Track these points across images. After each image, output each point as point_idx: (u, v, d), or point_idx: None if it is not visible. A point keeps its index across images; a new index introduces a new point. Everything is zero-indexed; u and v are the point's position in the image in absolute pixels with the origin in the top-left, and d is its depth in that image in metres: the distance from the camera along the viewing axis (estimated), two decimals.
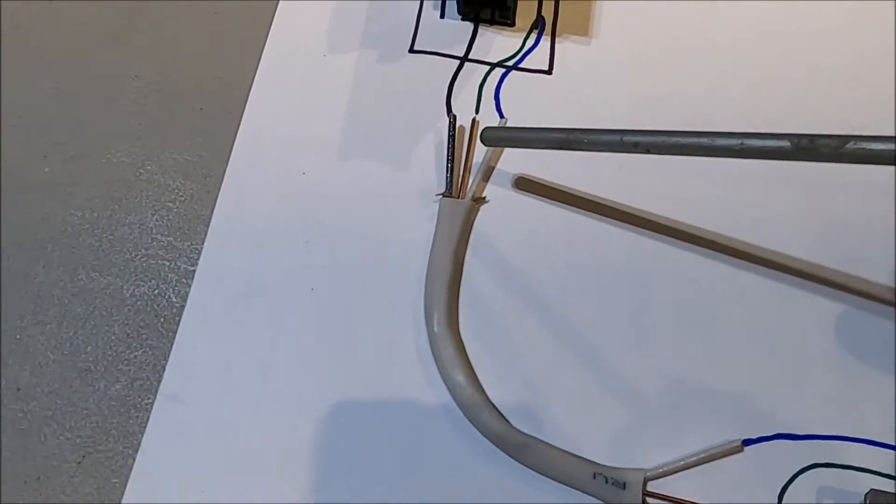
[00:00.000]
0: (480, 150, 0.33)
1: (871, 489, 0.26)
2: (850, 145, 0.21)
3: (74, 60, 0.36)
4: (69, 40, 0.37)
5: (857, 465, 0.28)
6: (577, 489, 0.28)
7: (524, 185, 0.33)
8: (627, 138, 0.26)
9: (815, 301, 0.31)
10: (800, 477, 0.28)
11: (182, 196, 0.34)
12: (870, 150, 0.21)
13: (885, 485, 0.27)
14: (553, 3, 0.36)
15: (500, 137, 0.31)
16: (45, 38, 0.37)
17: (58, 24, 0.37)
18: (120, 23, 0.37)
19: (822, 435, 0.29)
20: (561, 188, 0.32)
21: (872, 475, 0.28)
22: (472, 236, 0.32)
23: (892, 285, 0.31)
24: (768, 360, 0.30)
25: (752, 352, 0.30)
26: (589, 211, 0.32)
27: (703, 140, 0.24)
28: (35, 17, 0.37)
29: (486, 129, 0.32)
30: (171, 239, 0.33)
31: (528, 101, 0.34)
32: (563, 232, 0.32)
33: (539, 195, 0.32)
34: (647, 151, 0.26)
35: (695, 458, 0.28)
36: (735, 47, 0.35)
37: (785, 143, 0.22)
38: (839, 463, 0.28)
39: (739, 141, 0.23)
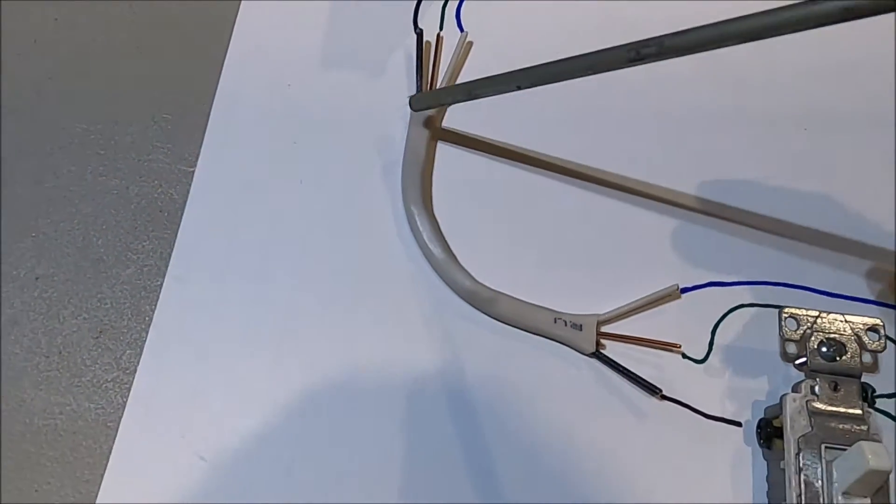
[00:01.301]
0: (444, 62, 0.38)
1: (784, 307, 0.31)
2: (667, 42, 0.24)
3: None
4: None
5: (774, 303, 0.33)
6: (540, 334, 0.32)
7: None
8: (510, 80, 0.30)
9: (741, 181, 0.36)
10: (728, 316, 0.33)
11: (179, 108, 0.37)
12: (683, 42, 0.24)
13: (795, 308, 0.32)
14: None
15: (424, 100, 0.35)
16: None
17: None
18: None
19: (746, 281, 0.34)
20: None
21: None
22: (441, 130, 0.36)
23: None
24: (701, 231, 0.35)
25: (687, 225, 0.35)
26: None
27: (558, 68, 0.28)
28: None
29: (411, 96, 0.36)
30: (171, 145, 0.37)
31: (484, 20, 0.39)
32: (520, 126, 0.36)
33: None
34: (525, 87, 0.29)
35: (639, 303, 0.33)
36: None
37: (619, 56, 0.25)
38: (761, 302, 0.33)
39: (584, 61, 0.27)
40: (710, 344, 0.33)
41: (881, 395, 0.31)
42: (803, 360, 0.30)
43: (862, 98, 0.37)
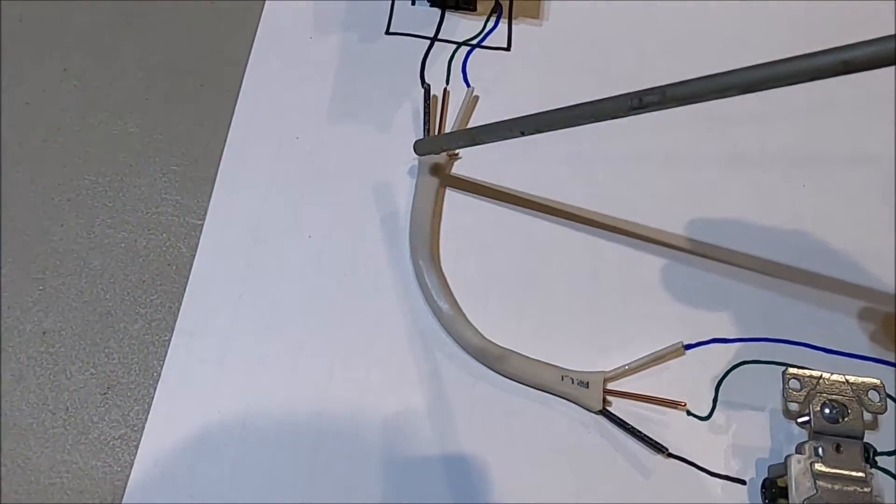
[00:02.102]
0: (453, 114, 0.38)
1: (787, 368, 0.31)
2: (669, 92, 0.24)
3: (84, 43, 0.40)
4: (79, 25, 0.41)
5: (778, 360, 0.34)
6: (547, 391, 0.33)
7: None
8: (513, 127, 0.30)
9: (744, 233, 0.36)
10: (732, 372, 0.34)
11: (187, 160, 0.38)
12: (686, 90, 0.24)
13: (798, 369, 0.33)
14: None
15: (428, 144, 0.36)
16: (56, 25, 0.41)
17: (69, 11, 0.41)
18: (126, 9, 0.41)
19: (748, 338, 0.34)
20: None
21: (787, 366, 0.33)
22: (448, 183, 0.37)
23: None
24: (702, 280, 0.35)
25: (689, 273, 0.35)
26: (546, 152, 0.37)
27: (562, 115, 0.28)
28: (51, 6, 0.41)
29: (416, 141, 0.36)
30: (179, 198, 0.37)
31: (490, 74, 0.40)
32: (526, 173, 0.37)
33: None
34: (528, 133, 0.30)
35: (644, 360, 0.33)
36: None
37: (621, 104, 0.26)
38: (763, 360, 0.34)
39: (587, 109, 0.27)
40: (714, 401, 0.33)
41: (882, 453, 0.32)
42: (806, 418, 0.31)
43: (861, 142, 0.38)
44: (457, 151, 0.38)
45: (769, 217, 0.36)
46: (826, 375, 0.31)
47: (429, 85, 0.39)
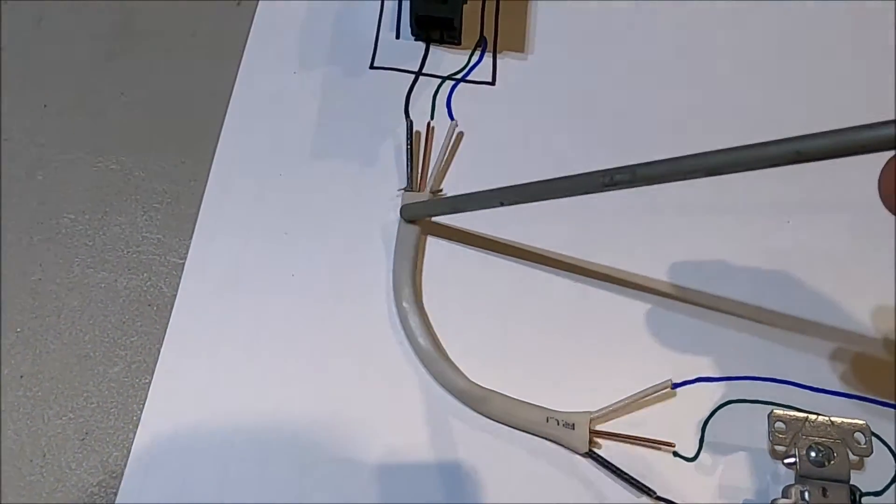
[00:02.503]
0: (436, 150, 0.38)
1: (773, 410, 0.31)
2: (640, 171, 0.25)
3: (64, 79, 0.40)
4: (59, 60, 0.40)
5: (763, 399, 0.34)
6: (532, 433, 0.32)
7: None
8: (493, 197, 0.31)
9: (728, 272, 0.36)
10: (718, 412, 0.33)
11: (169, 198, 0.37)
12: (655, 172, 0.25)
13: (784, 410, 0.33)
14: (493, 24, 0.41)
15: (412, 210, 0.36)
16: (37, 58, 0.40)
17: (48, 46, 0.41)
18: (108, 45, 0.41)
19: (734, 376, 0.34)
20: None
21: (774, 405, 0.33)
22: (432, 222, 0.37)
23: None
24: (687, 319, 0.35)
25: (673, 313, 0.35)
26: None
27: (539, 188, 0.29)
28: (28, 38, 0.41)
29: (402, 207, 0.36)
30: (161, 236, 0.36)
31: (475, 108, 0.39)
32: (510, 218, 0.37)
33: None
34: (507, 204, 0.30)
35: (631, 399, 0.33)
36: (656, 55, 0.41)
37: (594, 181, 0.26)
38: (750, 398, 0.34)
39: (563, 184, 0.28)
40: (701, 441, 0.33)
41: (867, 493, 0.32)
42: (792, 459, 0.31)
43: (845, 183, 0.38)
44: (441, 188, 0.37)
45: (753, 257, 0.36)
46: (812, 417, 0.31)
47: (411, 121, 0.38)
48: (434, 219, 0.37)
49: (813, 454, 0.30)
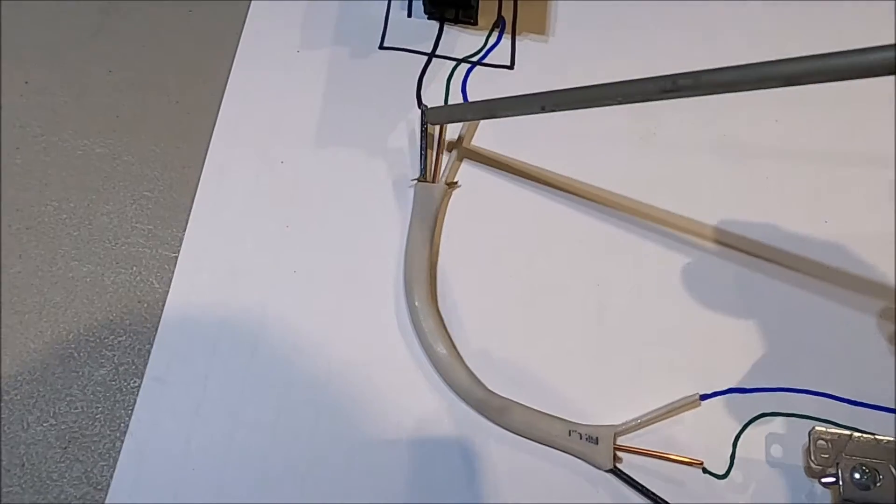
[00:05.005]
0: (451, 139, 0.35)
1: (814, 427, 0.29)
2: (705, 77, 0.23)
3: (47, 54, 0.37)
4: (42, 36, 0.37)
5: (798, 412, 0.31)
6: (553, 447, 0.30)
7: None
8: (533, 103, 0.29)
9: (761, 276, 0.34)
10: (751, 425, 0.31)
11: (161, 185, 0.34)
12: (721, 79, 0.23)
13: (824, 426, 0.30)
14: (512, 4, 0.39)
15: (440, 114, 0.34)
16: (17, 34, 0.37)
17: (31, 21, 0.37)
18: (94, 19, 0.37)
19: (768, 388, 0.32)
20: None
21: (812, 420, 0.31)
22: (446, 216, 0.34)
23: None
24: (720, 324, 0.33)
25: (705, 316, 0.33)
26: (549, 187, 0.35)
27: (592, 93, 0.27)
28: (7, 15, 0.37)
29: (429, 109, 0.34)
30: (152, 227, 0.33)
31: (492, 94, 0.36)
32: (529, 210, 0.34)
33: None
34: (550, 110, 0.28)
35: (658, 413, 0.31)
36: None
37: (654, 86, 0.24)
38: (784, 411, 0.32)
39: (618, 89, 0.26)
40: (732, 457, 0.31)
41: None
42: (832, 479, 0.29)
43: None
44: (456, 180, 0.35)
45: (790, 259, 0.34)
46: (856, 435, 0.29)
47: (426, 106, 0.36)
48: (451, 203, 0.34)
49: (857, 475, 0.28)
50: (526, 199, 0.35)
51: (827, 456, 0.29)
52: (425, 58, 0.37)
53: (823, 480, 0.29)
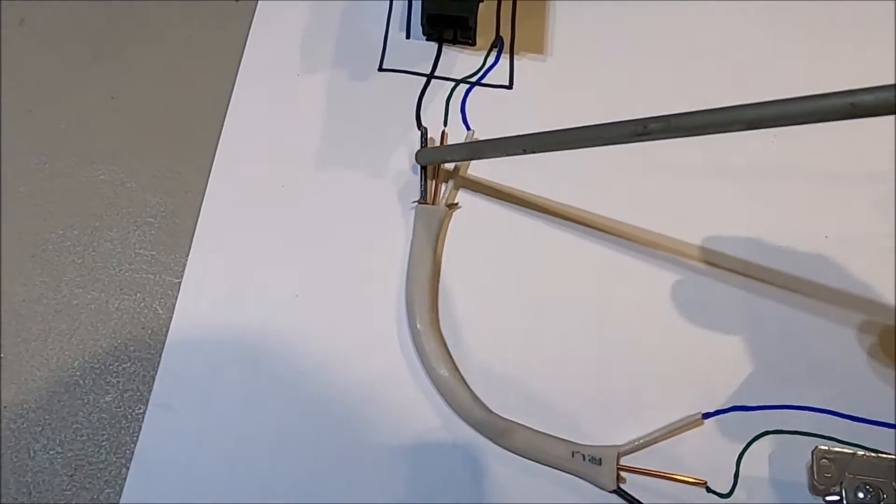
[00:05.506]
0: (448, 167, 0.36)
1: (817, 447, 0.29)
2: (673, 122, 0.24)
3: (49, 82, 0.37)
4: (45, 62, 0.37)
5: (802, 430, 0.31)
6: (556, 468, 0.30)
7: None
8: (514, 146, 0.30)
9: (761, 294, 0.34)
10: (754, 443, 0.31)
11: (163, 211, 0.35)
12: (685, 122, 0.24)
13: (827, 444, 0.30)
14: (510, 23, 0.39)
15: (429, 155, 0.34)
16: (20, 60, 0.37)
17: (33, 46, 0.38)
18: (96, 45, 0.38)
19: (771, 405, 0.32)
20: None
21: (815, 437, 0.31)
22: (446, 238, 0.34)
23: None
24: (722, 342, 0.33)
25: (707, 335, 0.33)
26: (543, 214, 0.35)
27: (567, 136, 0.28)
28: (10, 40, 0.38)
29: (418, 151, 0.35)
30: (155, 253, 0.34)
31: (491, 114, 0.37)
32: (530, 232, 0.34)
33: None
34: (531, 152, 0.29)
35: (661, 433, 0.31)
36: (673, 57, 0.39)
37: (628, 129, 0.25)
38: (787, 429, 0.32)
39: (593, 132, 0.27)
40: (736, 476, 0.31)
41: None
42: (836, 497, 0.29)
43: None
44: (456, 202, 0.35)
45: (790, 279, 0.34)
46: (859, 453, 0.29)
47: (425, 128, 0.36)
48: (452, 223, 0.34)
49: (861, 494, 0.28)
50: (526, 221, 0.35)
51: (830, 475, 0.29)
52: (424, 79, 0.38)
53: (827, 499, 0.29)
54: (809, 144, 0.37)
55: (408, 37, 0.38)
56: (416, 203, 0.34)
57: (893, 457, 0.29)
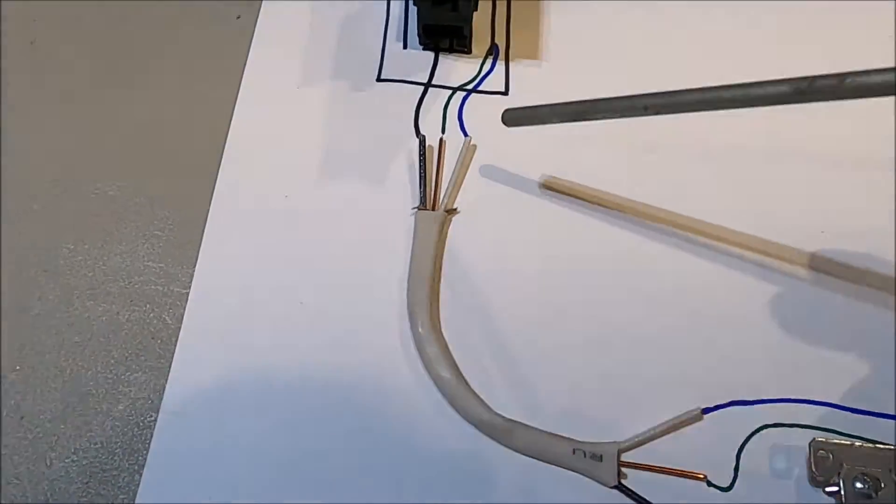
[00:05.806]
0: (449, 167, 0.36)
1: (814, 438, 0.30)
2: (849, 81, 0.22)
3: (61, 101, 0.38)
4: (55, 81, 0.39)
5: (801, 422, 0.32)
6: (558, 465, 0.31)
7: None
8: (637, 102, 0.28)
9: (759, 287, 0.35)
10: (753, 437, 0.32)
11: (171, 224, 0.35)
12: (868, 82, 0.22)
13: (825, 436, 0.31)
14: (505, 31, 0.40)
15: (519, 117, 0.33)
16: (31, 80, 0.39)
17: (44, 66, 0.39)
18: (103, 65, 0.39)
19: (770, 399, 0.32)
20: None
21: (814, 430, 0.31)
22: (446, 243, 0.35)
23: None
24: (718, 337, 0.33)
25: (705, 329, 0.34)
26: (542, 215, 0.36)
27: (708, 95, 0.25)
28: (21, 60, 0.39)
29: (506, 110, 0.34)
30: (163, 265, 0.35)
31: (489, 120, 0.37)
32: (530, 232, 0.35)
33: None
34: (657, 112, 0.27)
35: (661, 428, 0.31)
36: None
37: (784, 88, 0.23)
38: (786, 422, 0.32)
39: (743, 91, 0.24)
40: (736, 469, 0.31)
41: None
42: (835, 488, 0.29)
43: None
44: (455, 207, 0.36)
45: (785, 270, 0.35)
46: (857, 444, 0.29)
47: (424, 136, 0.37)
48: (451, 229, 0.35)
49: (859, 485, 0.28)
50: (526, 220, 0.35)
51: (828, 465, 0.29)
52: (422, 88, 0.38)
53: (827, 490, 0.30)
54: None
55: (405, 47, 0.39)
56: (416, 209, 0.35)
57: (891, 447, 0.29)
